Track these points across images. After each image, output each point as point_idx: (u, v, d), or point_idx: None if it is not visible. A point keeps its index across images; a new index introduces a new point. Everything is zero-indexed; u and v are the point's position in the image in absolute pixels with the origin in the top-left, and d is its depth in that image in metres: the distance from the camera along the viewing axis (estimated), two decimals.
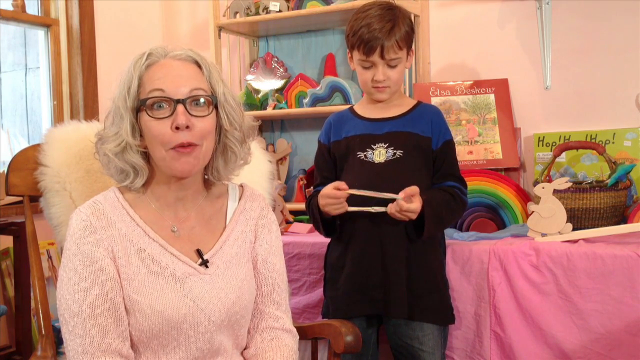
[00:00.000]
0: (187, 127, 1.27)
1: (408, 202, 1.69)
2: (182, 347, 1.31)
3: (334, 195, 1.74)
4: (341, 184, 1.74)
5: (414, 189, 1.70)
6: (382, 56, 1.76)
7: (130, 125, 1.29)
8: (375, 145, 1.83)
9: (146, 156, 1.34)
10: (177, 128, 1.27)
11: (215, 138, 1.35)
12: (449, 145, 1.85)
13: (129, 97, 1.29)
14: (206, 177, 1.43)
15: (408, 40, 1.80)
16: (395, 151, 1.81)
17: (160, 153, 1.29)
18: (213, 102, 1.32)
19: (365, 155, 1.82)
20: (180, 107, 1.27)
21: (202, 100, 1.30)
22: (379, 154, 1.82)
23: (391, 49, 1.76)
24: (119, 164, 1.32)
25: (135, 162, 1.32)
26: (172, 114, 1.27)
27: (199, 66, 1.34)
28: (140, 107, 1.29)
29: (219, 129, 1.35)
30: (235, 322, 1.37)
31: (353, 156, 1.83)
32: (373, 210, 1.73)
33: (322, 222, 1.83)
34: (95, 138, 1.36)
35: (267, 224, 1.48)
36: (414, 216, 1.71)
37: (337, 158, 1.88)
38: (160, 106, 1.28)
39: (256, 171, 1.75)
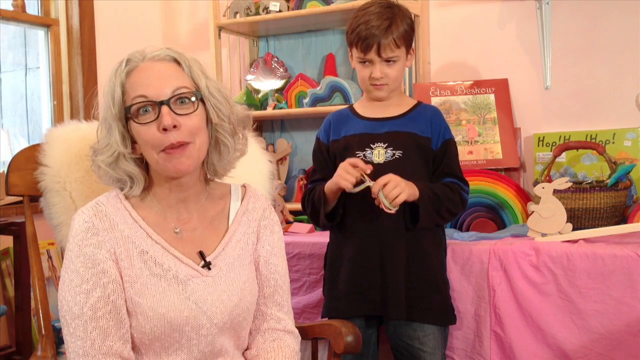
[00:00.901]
0: (175, 126, 1.26)
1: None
2: (184, 349, 1.31)
3: (355, 164, 1.72)
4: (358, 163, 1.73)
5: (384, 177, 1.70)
6: (379, 54, 1.77)
7: (119, 134, 1.29)
8: (374, 144, 1.83)
9: (142, 162, 1.34)
10: (164, 129, 1.26)
11: (207, 133, 1.34)
12: (449, 144, 1.85)
13: (114, 107, 1.29)
14: (208, 176, 1.42)
15: (407, 38, 1.80)
16: (394, 152, 1.81)
17: (153, 157, 1.29)
18: (198, 98, 1.31)
19: (364, 155, 1.82)
20: (164, 109, 1.26)
21: (187, 97, 1.29)
22: (378, 154, 1.82)
23: (388, 46, 1.76)
24: (114, 174, 1.32)
25: (130, 171, 1.32)
26: (157, 117, 1.27)
27: (179, 64, 1.32)
28: (127, 114, 1.29)
29: (209, 123, 1.34)
30: (237, 325, 1.37)
31: (352, 155, 1.83)
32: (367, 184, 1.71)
33: (325, 210, 1.81)
34: (90, 151, 1.36)
35: (269, 225, 1.47)
36: (397, 181, 1.69)
37: (336, 157, 1.88)
38: (145, 110, 1.27)
39: (256, 171, 1.75)
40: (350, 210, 1.82)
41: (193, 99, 1.30)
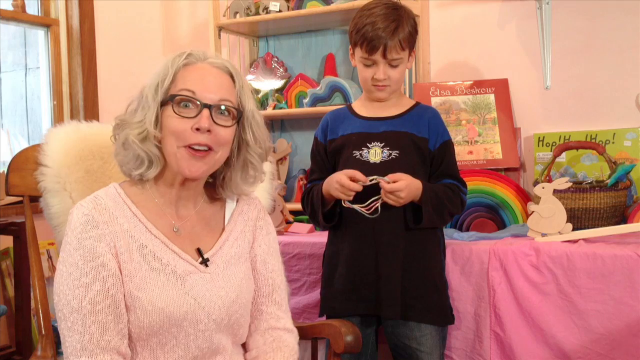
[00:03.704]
0: (209, 131, 1.29)
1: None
2: (181, 345, 1.31)
3: (348, 186, 1.73)
4: (356, 175, 1.73)
5: (397, 175, 1.71)
6: (384, 55, 1.77)
7: (154, 116, 1.31)
8: (371, 144, 1.83)
9: (160, 151, 1.35)
10: (197, 129, 1.29)
11: (233, 151, 1.38)
12: (447, 145, 1.85)
13: (160, 90, 1.31)
14: (218, 185, 1.44)
15: (411, 40, 1.81)
16: (391, 152, 1.81)
17: (172, 148, 1.31)
18: (238, 116, 1.35)
19: (360, 154, 1.82)
20: (205, 111, 1.29)
21: (229, 111, 1.33)
22: (375, 153, 1.82)
23: (394, 49, 1.76)
24: (139, 150, 1.32)
25: (154, 152, 1.33)
26: (196, 116, 1.29)
27: (233, 79, 1.36)
28: (168, 101, 1.31)
29: (242, 143, 1.38)
30: (234, 321, 1.38)
31: (349, 154, 1.83)
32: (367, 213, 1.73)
33: (323, 211, 1.82)
34: (115, 122, 1.37)
35: (264, 226, 1.50)
36: (403, 195, 1.70)
37: (334, 156, 1.88)
38: (186, 105, 1.30)
39: None
40: (348, 208, 1.82)
41: (234, 114, 1.34)
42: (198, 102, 1.30)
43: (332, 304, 1.86)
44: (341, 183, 1.73)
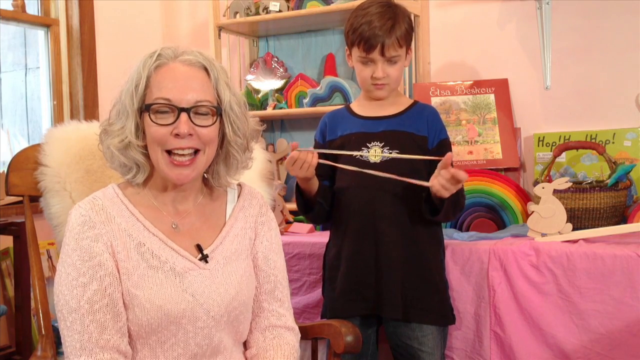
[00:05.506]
0: (190, 134, 1.29)
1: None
2: (180, 343, 1.31)
3: (294, 157, 1.74)
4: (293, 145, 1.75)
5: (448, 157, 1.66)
6: (382, 53, 1.77)
7: (134, 125, 1.31)
8: (370, 143, 1.83)
9: (148, 155, 1.35)
10: (177, 135, 1.28)
11: (217, 144, 1.36)
12: (445, 144, 1.85)
13: (136, 97, 1.30)
14: (206, 177, 1.43)
15: (408, 38, 1.81)
16: (391, 151, 1.81)
17: (156, 154, 1.30)
18: (217, 112, 1.33)
19: (360, 155, 1.82)
20: (183, 116, 1.28)
21: (207, 111, 1.31)
22: (375, 153, 1.82)
23: (391, 46, 1.76)
24: (122, 159, 1.33)
25: (138, 159, 1.33)
26: (174, 122, 1.28)
27: (207, 73, 1.34)
28: (145, 110, 1.30)
29: (222, 136, 1.37)
30: (234, 319, 1.37)
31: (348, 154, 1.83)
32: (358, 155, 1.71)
33: (303, 200, 1.83)
34: (99, 129, 1.36)
35: (266, 222, 1.49)
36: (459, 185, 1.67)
37: (334, 156, 1.88)
38: (164, 112, 1.29)
39: (256, 171, 1.75)
40: (348, 209, 1.82)
41: (213, 112, 1.32)
42: (174, 107, 1.28)
43: (334, 305, 1.85)
44: (291, 162, 1.75)
